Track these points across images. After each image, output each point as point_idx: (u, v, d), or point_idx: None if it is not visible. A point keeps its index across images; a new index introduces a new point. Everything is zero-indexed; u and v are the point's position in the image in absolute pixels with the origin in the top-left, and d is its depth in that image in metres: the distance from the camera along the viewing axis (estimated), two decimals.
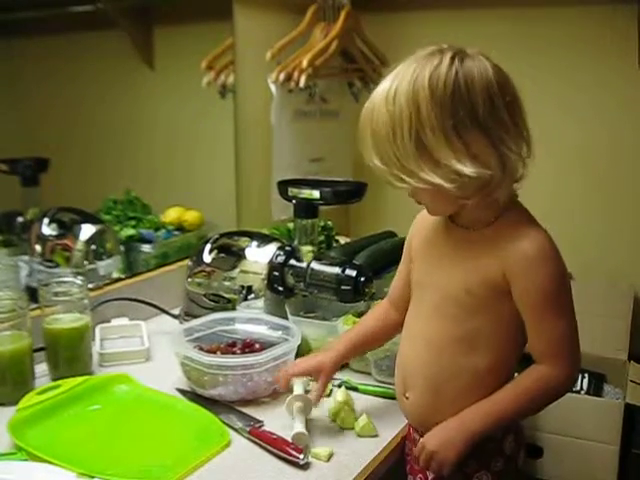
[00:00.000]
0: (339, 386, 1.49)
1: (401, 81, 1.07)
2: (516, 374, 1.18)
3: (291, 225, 2.01)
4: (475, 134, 1.06)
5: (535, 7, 2.46)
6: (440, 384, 1.19)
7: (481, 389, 1.16)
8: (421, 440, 1.17)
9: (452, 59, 1.06)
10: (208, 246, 1.79)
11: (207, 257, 1.77)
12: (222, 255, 1.77)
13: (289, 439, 1.26)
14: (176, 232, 2.13)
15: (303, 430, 1.26)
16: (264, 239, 1.76)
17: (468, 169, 1.05)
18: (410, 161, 1.07)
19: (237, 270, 1.71)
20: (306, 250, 1.70)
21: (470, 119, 1.05)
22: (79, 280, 1.57)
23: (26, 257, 1.78)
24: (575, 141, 2.50)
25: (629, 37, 2.31)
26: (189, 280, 1.79)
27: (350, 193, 1.75)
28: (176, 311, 1.86)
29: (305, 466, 1.22)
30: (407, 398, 1.25)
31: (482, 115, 1.05)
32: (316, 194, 1.66)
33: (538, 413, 1.25)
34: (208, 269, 1.76)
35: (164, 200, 2.13)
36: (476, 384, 1.17)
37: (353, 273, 1.56)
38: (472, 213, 1.15)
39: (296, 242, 1.72)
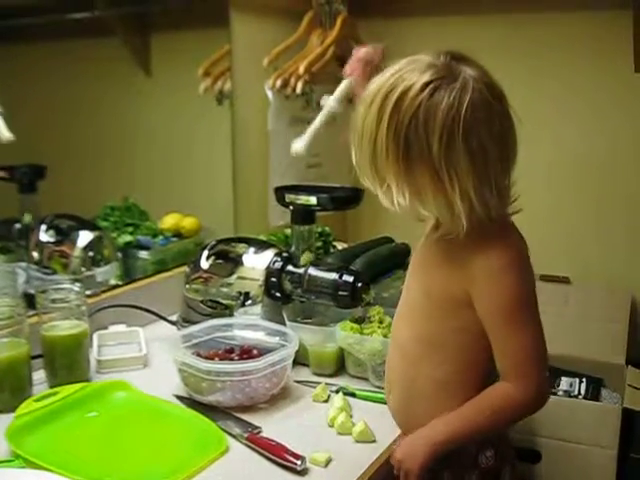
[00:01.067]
0: (337, 392, 1.50)
1: (381, 88, 1.05)
2: None
3: (288, 231, 2.01)
4: (424, 171, 1.03)
5: (531, 12, 2.47)
6: (409, 387, 1.21)
7: (448, 396, 1.16)
8: (394, 448, 1.19)
9: (426, 85, 1.02)
10: (205, 252, 1.79)
11: (204, 263, 1.77)
12: (219, 261, 1.78)
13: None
14: (173, 238, 2.12)
15: None
16: (261, 245, 1.76)
17: (402, 201, 1.06)
18: (367, 170, 1.08)
19: (234, 276, 1.71)
20: (307, 257, 1.70)
21: (422, 154, 1.02)
22: (77, 287, 1.57)
23: (23, 264, 1.78)
24: (572, 145, 2.51)
25: (625, 41, 2.31)
26: (187, 286, 1.79)
27: (347, 199, 1.75)
28: (174, 317, 1.86)
29: (303, 472, 1.22)
30: (390, 399, 1.28)
31: (436, 154, 1.02)
32: (313, 200, 1.67)
33: (514, 424, 1.22)
34: (205, 275, 1.76)
35: (161, 206, 2.13)
36: (441, 390, 1.17)
37: (350, 279, 1.56)
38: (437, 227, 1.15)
39: (293, 248, 1.72)
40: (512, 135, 1.09)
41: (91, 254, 1.87)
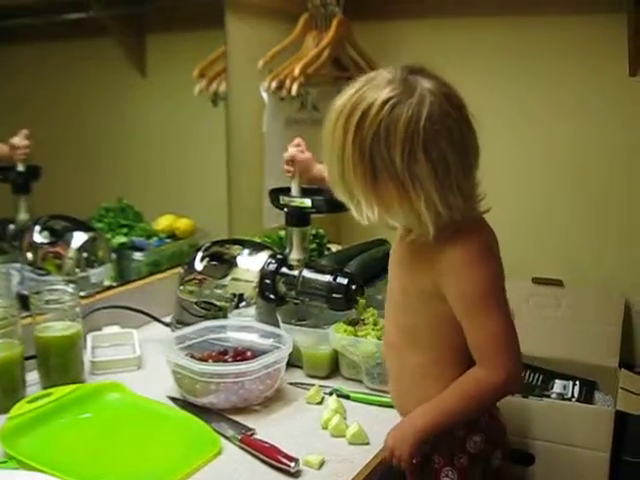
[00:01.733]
0: (330, 394, 1.50)
1: (345, 105, 1.10)
2: None
3: (283, 233, 2.01)
4: (389, 185, 1.08)
5: (526, 15, 2.48)
6: (399, 377, 1.29)
7: (433, 382, 1.21)
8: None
9: (385, 102, 1.06)
10: (200, 254, 1.79)
11: (199, 265, 1.77)
12: (214, 263, 1.77)
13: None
14: (168, 240, 2.12)
15: None
16: (256, 247, 1.76)
17: (371, 215, 1.12)
18: (338, 185, 1.14)
19: (229, 278, 1.71)
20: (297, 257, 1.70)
21: (386, 169, 1.07)
22: (70, 288, 1.57)
23: (17, 265, 1.78)
24: (566, 148, 2.51)
25: (620, 45, 2.32)
26: (181, 288, 1.79)
27: (341, 202, 1.74)
28: (168, 319, 1.85)
29: (296, 474, 1.22)
30: (390, 389, 1.35)
31: (399, 167, 1.06)
32: (307, 202, 1.66)
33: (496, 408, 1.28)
34: (200, 277, 1.76)
35: (156, 208, 2.13)
36: (427, 377, 1.23)
37: (344, 281, 1.57)
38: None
39: (287, 250, 1.72)
40: (473, 140, 1.12)
41: (85, 255, 1.87)
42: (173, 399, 1.49)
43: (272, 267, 1.66)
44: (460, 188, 1.10)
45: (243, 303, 1.69)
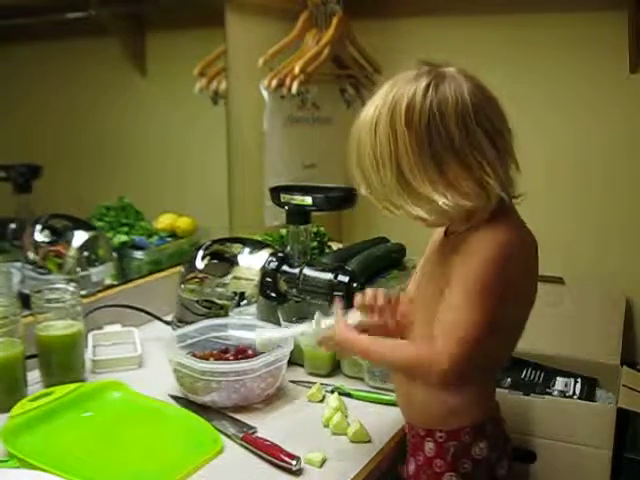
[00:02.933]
0: (332, 392, 1.50)
1: (381, 110, 1.09)
2: None
3: (283, 231, 2.01)
4: (453, 164, 1.07)
5: (527, 13, 2.47)
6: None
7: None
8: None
9: (427, 87, 1.07)
10: (201, 252, 1.79)
11: (200, 263, 1.77)
12: (215, 261, 1.78)
13: (282, 446, 1.26)
14: (169, 238, 2.13)
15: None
16: (256, 245, 1.76)
17: (448, 201, 1.08)
18: (394, 194, 1.10)
19: (230, 276, 1.71)
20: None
21: (446, 149, 1.07)
22: (72, 287, 1.57)
23: (18, 264, 1.78)
24: (568, 146, 2.51)
25: (620, 42, 2.32)
26: (182, 286, 1.79)
27: (342, 199, 1.74)
28: (169, 317, 1.85)
29: (298, 472, 1.22)
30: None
31: (458, 143, 1.07)
32: (308, 200, 1.66)
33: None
34: (201, 275, 1.76)
35: (157, 206, 2.13)
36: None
37: (346, 279, 1.56)
38: (453, 224, 1.18)
39: (288, 248, 1.72)
40: (504, 116, 1.14)
41: (86, 254, 1.87)
42: (174, 397, 1.49)
43: (273, 265, 1.66)
44: (514, 159, 1.13)
45: (244, 301, 1.69)
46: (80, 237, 1.87)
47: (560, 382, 2.09)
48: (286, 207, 1.71)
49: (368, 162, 1.10)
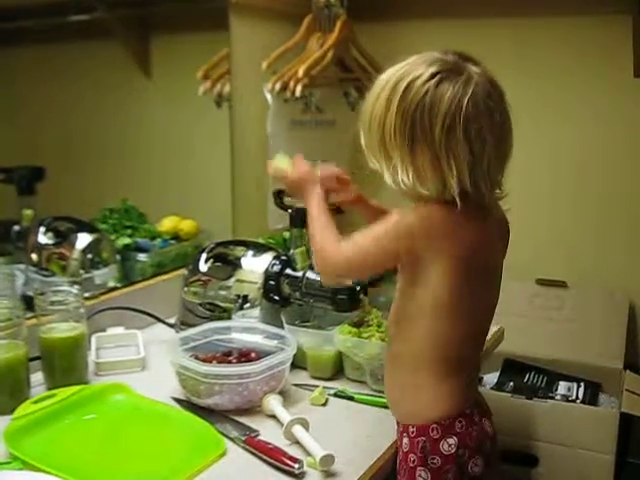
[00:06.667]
0: (335, 395, 1.50)
1: (390, 78, 1.16)
2: None
3: (287, 234, 2.01)
4: (425, 152, 1.13)
5: (531, 16, 2.48)
6: (390, 369, 1.32)
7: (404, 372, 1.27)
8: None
9: (432, 76, 1.12)
10: (204, 255, 1.79)
11: (203, 266, 1.77)
12: (218, 264, 1.78)
13: (291, 454, 1.26)
14: (172, 241, 2.13)
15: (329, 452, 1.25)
16: (260, 248, 1.76)
17: (407, 180, 1.15)
18: (376, 152, 1.19)
19: (233, 279, 1.71)
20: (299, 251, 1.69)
21: (424, 137, 1.13)
22: (75, 289, 1.57)
23: (22, 266, 1.78)
24: (571, 149, 2.51)
25: (624, 46, 2.32)
26: (185, 289, 1.79)
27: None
28: (172, 320, 1.86)
29: (300, 475, 1.22)
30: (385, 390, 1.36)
31: (437, 138, 1.12)
32: None
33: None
34: (204, 278, 1.76)
35: (160, 209, 2.13)
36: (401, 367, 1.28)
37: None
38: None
39: (292, 251, 1.72)
40: (509, 132, 1.19)
41: (90, 256, 1.87)
42: (177, 400, 1.49)
43: (276, 268, 1.66)
44: (490, 173, 1.15)
45: (247, 304, 1.69)
46: (83, 239, 1.87)
47: (563, 386, 2.09)
48: (289, 210, 1.71)
49: (366, 117, 1.19)
